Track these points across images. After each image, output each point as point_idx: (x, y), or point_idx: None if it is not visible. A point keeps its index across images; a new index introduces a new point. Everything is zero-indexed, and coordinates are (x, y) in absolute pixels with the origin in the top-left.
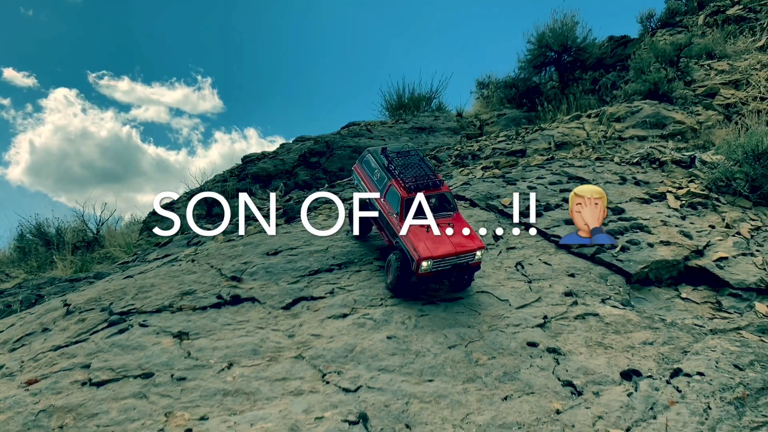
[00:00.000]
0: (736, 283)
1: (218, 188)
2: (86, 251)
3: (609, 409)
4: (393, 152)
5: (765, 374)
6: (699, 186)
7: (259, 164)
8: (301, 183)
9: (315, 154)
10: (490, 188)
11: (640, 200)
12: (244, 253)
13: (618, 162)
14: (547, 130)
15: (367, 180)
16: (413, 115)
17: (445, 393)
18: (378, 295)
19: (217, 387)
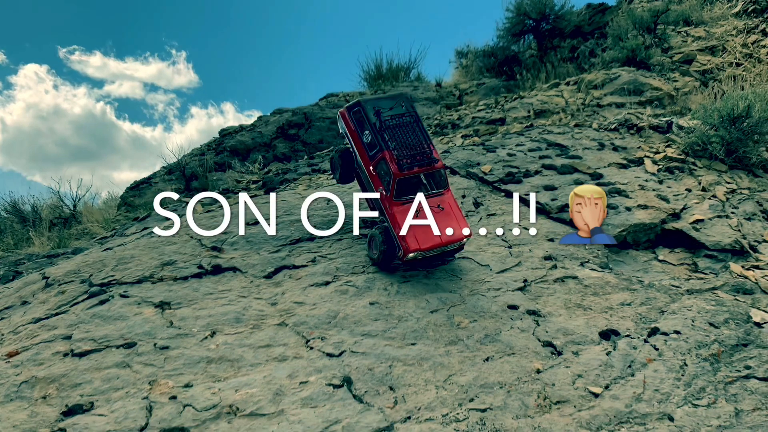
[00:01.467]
0: (711, 245)
1: (196, 162)
2: (63, 227)
3: (588, 367)
4: (387, 116)
5: (739, 331)
6: (676, 150)
7: (237, 137)
8: (279, 155)
9: (293, 126)
10: (470, 156)
11: (619, 165)
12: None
13: (596, 128)
14: (526, 98)
15: (357, 138)
16: (392, 86)
17: (427, 356)
18: (360, 262)
19: (200, 355)
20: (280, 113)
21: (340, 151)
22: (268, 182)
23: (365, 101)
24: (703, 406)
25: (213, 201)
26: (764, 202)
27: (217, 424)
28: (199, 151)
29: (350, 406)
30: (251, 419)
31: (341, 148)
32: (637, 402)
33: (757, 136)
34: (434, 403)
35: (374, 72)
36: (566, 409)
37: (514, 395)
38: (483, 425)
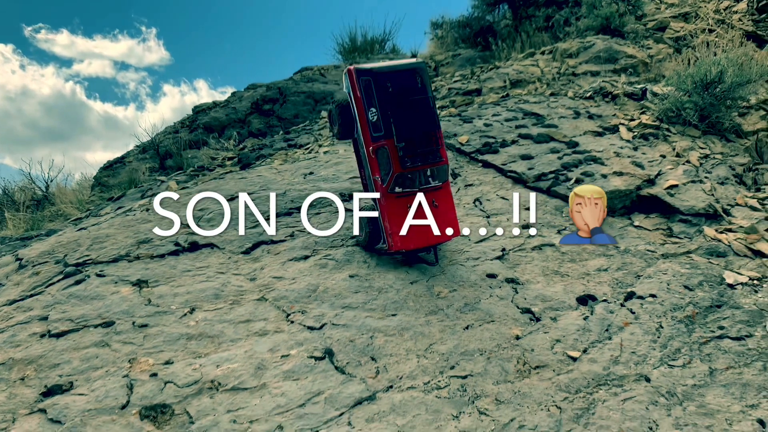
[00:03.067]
0: (686, 210)
1: (170, 140)
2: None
3: (566, 332)
4: (399, 94)
5: (713, 293)
6: (650, 117)
7: (211, 114)
8: (255, 131)
9: (268, 101)
10: (447, 127)
11: (594, 133)
12: (199, 201)
13: (572, 97)
14: (502, 68)
15: (362, 110)
16: (367, 58)
17: (408, 326)
18: (338, 236)
19: (180, 332)
20: (254, 89)
21: (339, 104)
22: (244, 158)
23: (379, 72)
24: (678, 367)
25: (188, 179)
26: (737, 167)
27: (199, 400)
28: (172, 129)
29: (332, 377)
30: (233, 394)
31: (341, 101)
32: (614, 364)
33: (729, 102)
34: (416, 371)
35: (349, 45)
36: (545, 373)
37: (494, 361)
38: (464, 391)
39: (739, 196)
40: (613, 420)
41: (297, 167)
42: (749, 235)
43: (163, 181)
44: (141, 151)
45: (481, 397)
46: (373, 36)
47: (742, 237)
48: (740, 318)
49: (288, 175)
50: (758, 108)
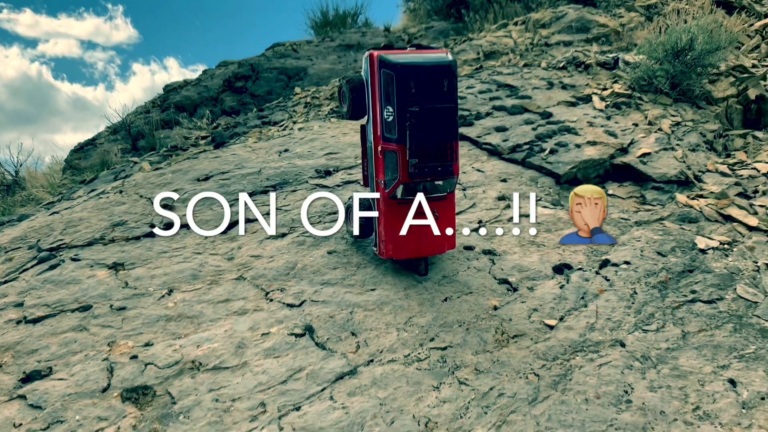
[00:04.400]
0: (658, 177)
1: (141, 120)
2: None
3: (543, 301)
4: (422, 98)
5: (685, 258)
6: (622, 86)
7: (182, 93)
8: (227, 109)
9: (240, 78)
10: None
11: (567, 103)
12: (173, 181)
13: (545, 67)
14: (475, 40)
15: (377, 103)
16: (339, 32)
17: (387, 300)
18: (316, 213)
19: (158, 313)
20: (226, 66)
21: (352, 83)
22: (217, 137)
23: (404, 67)
24: (652, 331)
25: (162, 159)
26: (707, 133)
27: (180, 380)
28: (143, 109)
29: (313, 353)
30: (215, 373)
31: (354, 79)
32: (590, 331)
33: (700, 69)
34: (396, 344)
35: (321, 19)
36: (523, 342)
37: (472, 332)
38: (444, 362)
39: (710, 162)
40: (589, 385)
41: (271, 145)
42: (720, 201)
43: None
44: (112, 133)
45: (460, 368)
46: (345, 9)
47: (713, 202)
48: (711, 282)
49: (263, 153)
50: (728, 75)
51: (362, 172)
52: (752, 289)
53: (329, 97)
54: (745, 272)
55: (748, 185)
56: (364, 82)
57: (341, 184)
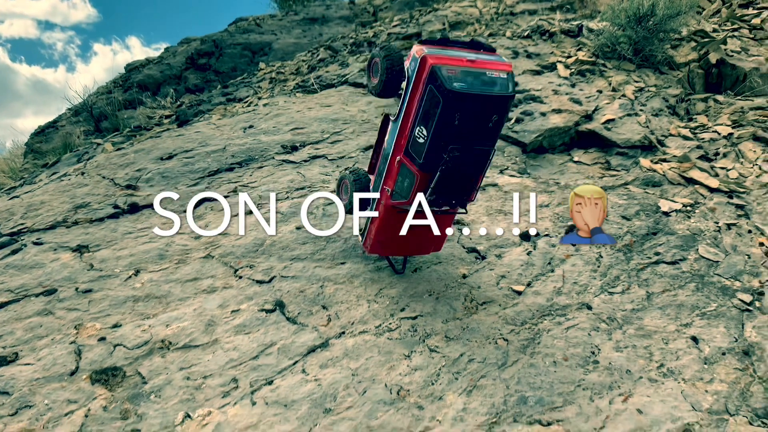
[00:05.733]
0: (622, 143)
1: (104, 101)
2: None
3: (511, 268)
4: (458, 130)
5: (649, 222)
6: (587, 53)
7: (145, 71)
8: (191, 87)
9: (203, 55)
10: None
11: (533, 72)
12: (136, 161)
13: (510, 36)
14: (441, 10)
15: (411, 116)
16: (303, 6)
17: (357, 273)
18: (283, 188)
19: (126, 295)
20: (188, 43)
21: (391, 59)
22: (181, 115)
23: (456, 95)
24: (617, 293)
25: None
26: (670, 98)
27: (150, 360)
28: (105, 89)
29: (284, 328)
30: (185, 351)
31: (393, 55)
32: (557, 295)
33: (662, 34)
34: (366, 316)
35: None
36: (492, 308)
37: (442, 301)
38: (414, 332)
39: (673, 126)
40: (557, 348)
41: (236, 121)
42: (682, 164)
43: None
44: (73, 114)
45: (431, 336)
46: None
47: (675, 166)
48: (675, 243)
49: (227, 129)
50: (689, 40)
51: (370, 159)
52: (713, 249)
53: (295, 71)
54: (707, 233)
55: (710, 148)
56: (404, 68)
57: (308, 159)
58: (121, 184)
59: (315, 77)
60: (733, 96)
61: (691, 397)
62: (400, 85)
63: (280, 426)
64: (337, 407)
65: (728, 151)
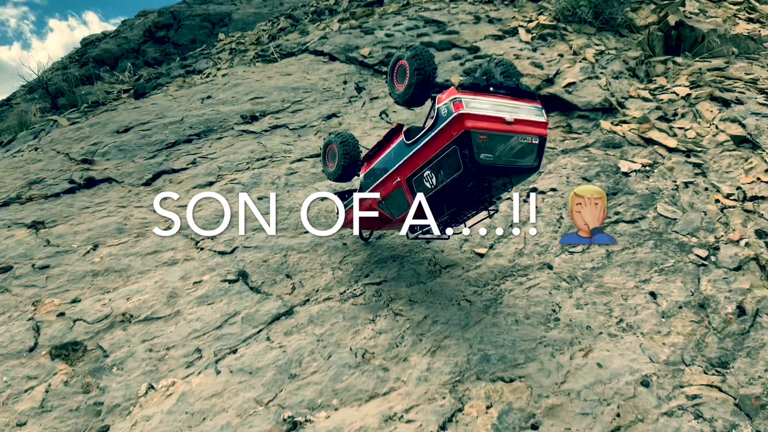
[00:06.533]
0: (583, 105)
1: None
2: None
3: (473, 231)
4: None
5: (609, 182)
6: (548, 18)
7: (101, 46)
8: (150, 60)
9: (161, 27)
10: (349, 40)
11: (494, 37)
12: (91, 135)
13: (471, 2)
14: None
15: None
16: None
17: (321, 241)
18: (244, 159)
19: (84, 269)
20: (145, 15)
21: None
22: (140, 89)
23: (483, 158)
24: (578, 253)
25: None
26: (630, 61)
27: (111, 334)
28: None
29: (248, 297)
30: (147, 324)
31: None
32: (519, 257)
33: None
34: (331, 283)
35: None
36: (455, 271)
37: (406, 266)
38: (379, 297)
39: (633, 88)
40: (519, 307)
41: (194, 92)
42: (642, 125)
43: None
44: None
45: (395, 300)
46: None
47: (635, 127)
48: (634, 203)
49: (184, 101)
50: (649, 2)
51: (368, 151)
52: (671, 206)
53: (255, 41)
54: (665, 191)
55: (668, 109)
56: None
57: (269, 129)
58: (77, 158)
59: (275, 46)
60: (692, 57)
61: (649, 350)
62: (429, 93)
63: (245, 393)
64: (303, 372)
65: (686, 111)
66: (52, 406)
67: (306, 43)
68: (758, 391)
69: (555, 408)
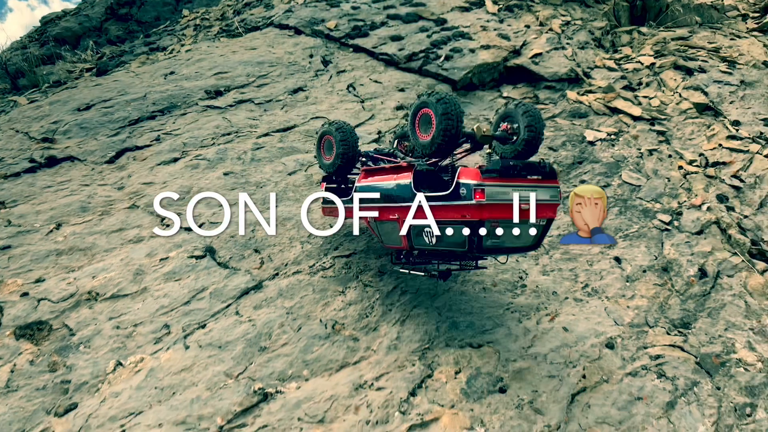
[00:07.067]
0: (549, 76)
1: (19, 57)
2: None
3: None
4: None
5: (575, 151)
6: None
7: (62, 24)
8: (113, 39)
9: (124, 4)
10: (314, 13)
11: (461, 9)
12: (52, 113)
13: None
14: None
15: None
16: None
17: (290, 215)
18: (209, 135)
19: (48, 249)
20: None
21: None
22: (102, 67)
23: (488, 244)
24: None
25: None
26: (596, 31)
27: (77, 312)
28: (20, 45)
29: (216, 273)
30: (113, 301)
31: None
32: None
33: None
34: (300, 257)
35: None
36: None
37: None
38: (348, 269)
39: (598, 58)
40: (486, 275)
41: (156, 68)
42: (607, 94)
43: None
44: None
45: (365, 272)
46: None
47: (600, 97)
48: (599, 171)
49: (147, 77)
50: None
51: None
52: (636, 174)
53: (219, 17)
54: (630, 159)
55: (633, 78)
56: (459, 137)
57: (234, 104)
58: (37, 137)
59: (240, 21)
60: (656, 27)
61: (614, 313)
62: (453, 150)
63: (215, 367)
64: (273, 345)
65: (651, 80)
66: (18, 386)
67: (271, 16)
68: (718, 349)
69: (522, 371)
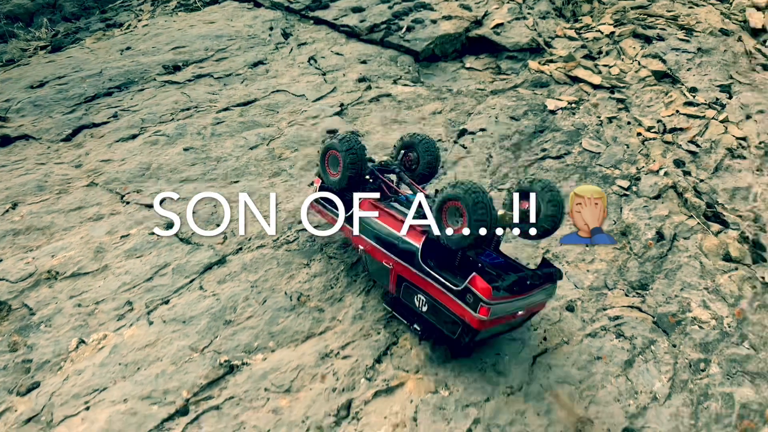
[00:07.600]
0: (511, 46)
1: None
2: None
3: None
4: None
5: (536, 120)
6: None
7: (14, 1)
8: (68, 15)
9: None
10: None
11: None
12: (3, 91)
13: None
14: None
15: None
16: None
17: (252, 190)
18: (168, 110)
19: (4, 229)
20: None
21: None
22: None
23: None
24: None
25: None
26: (557, 1)
27: (37, 291)
28: None
29: (178, 248)
30: (74, 280)
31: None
32: None
33: None
34: (263, 231)
35: None
36: None
37: None
38: (313, 242)
39: (559, 28)
40: None
41: (112, 44)
42: (568, 64)
43: None
44: None
45: (329, 244)
46: None
47: (561, 66)
48: (560, 139)
49: (102, 53)
50: None
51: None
52: (596, 141)
53: None
54: (590, 127)
55: (593, 47)
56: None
57: (192, 79)
58: None
59: None
60: None
61: (574, 277)
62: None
63: (179, 341)
64: (237, 318)
65: (610, 49)
66: None
67: None
68: (674, 309)
69: None
